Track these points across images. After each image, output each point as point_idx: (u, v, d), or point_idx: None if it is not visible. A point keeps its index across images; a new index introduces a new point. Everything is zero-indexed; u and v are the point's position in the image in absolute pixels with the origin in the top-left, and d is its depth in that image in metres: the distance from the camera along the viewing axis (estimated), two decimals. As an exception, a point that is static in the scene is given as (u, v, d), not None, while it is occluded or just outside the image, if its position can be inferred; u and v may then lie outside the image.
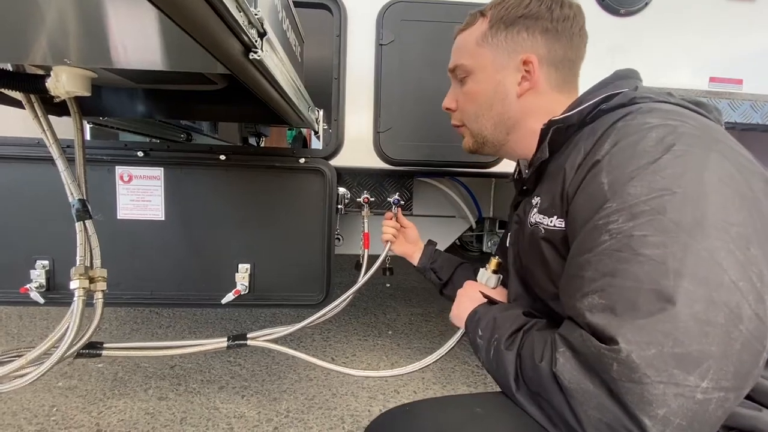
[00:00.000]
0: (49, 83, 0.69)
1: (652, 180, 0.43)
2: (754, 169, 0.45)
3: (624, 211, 0.43)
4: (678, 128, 0.46)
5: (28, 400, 1.32)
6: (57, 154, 0.79)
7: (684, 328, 0.38)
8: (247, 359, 1.64)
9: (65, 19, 0.54)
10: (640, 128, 0.48)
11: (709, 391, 0.37)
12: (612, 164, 0.47)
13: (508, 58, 0.67)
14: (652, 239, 0.41)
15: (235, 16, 0.41)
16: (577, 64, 0.69)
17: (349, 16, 1.16)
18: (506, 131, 0.70)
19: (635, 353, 0.38)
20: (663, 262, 0.40)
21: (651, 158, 0.45)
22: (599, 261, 0.44)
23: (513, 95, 0.68)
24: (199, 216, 1.13)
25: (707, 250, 0.39)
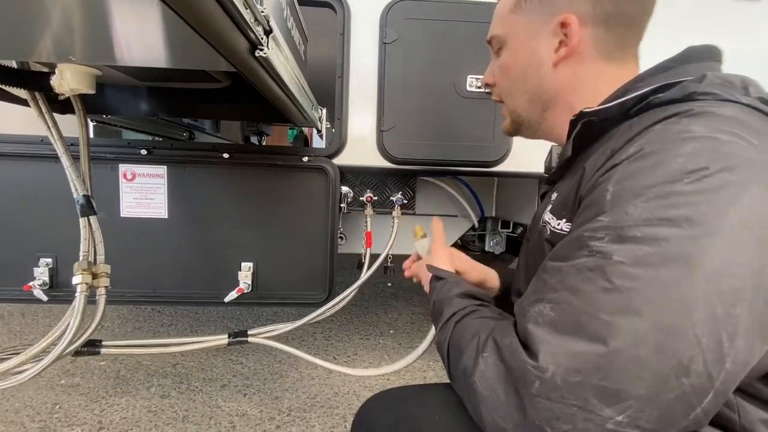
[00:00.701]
0: (53, 81, 0.69)
1: (659, 205, 0.37)
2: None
3: (613, 230, 0.39)
4: (724, 146, 0.38)
5: (30, 397, 1.33)
6: (62, 151, 0.79)
7: (618, 367, 0.36)
8: (248, 358, 1.64)
9: (69, 16, 0.54)
10: (676, 137, 0.39)
11: (622, 425, 0.36)
12: (625, 173, 0.41)
13: (544, 21, 0.57)
14: (629, 270, 0.37)
15: (242, 13, 0.41)
16: (638, 21, 0.55)
17: (353, 14, 1.16)
18: (542, 108, 0.61)
19: (560, 377, 0.37)
20: (628, 297, 0.36)
21: (670, 178, 0.37)
22: (568, 273, 0.41)
23: (549, 64, 0.57)
24: (202, 214, 1.13)
25: (683, 299, 0.35)
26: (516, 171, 1.21)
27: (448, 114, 1.16)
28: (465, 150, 1.17)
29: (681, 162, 0.38)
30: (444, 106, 1.15)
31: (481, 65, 1.18)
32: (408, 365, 1.06)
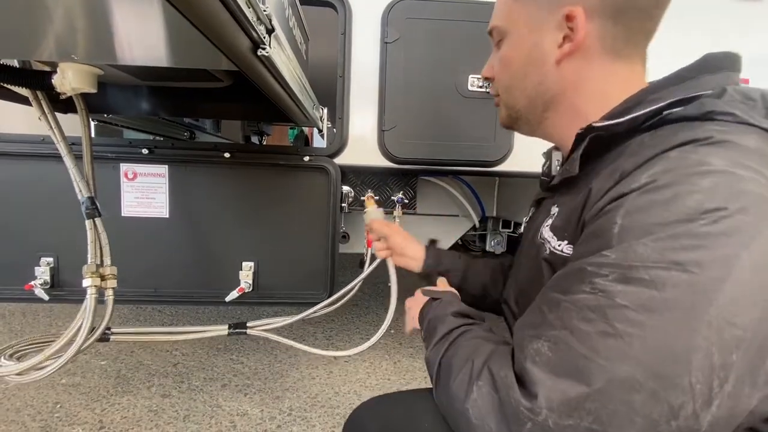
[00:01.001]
0: (55, 80, 0.69)
1: (670, 246, 0.35)
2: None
3: (619, 268, 0.37)
4: (742, 183, 0.36)
5: (31, 396, 1.33)
6: (65, 152, 0.79)
7: (612, 412, 0.35)
8: (249, 357, 1.64)
9: (72, 15, 0.54)
10: (693, 170, 0.37)
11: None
12: (636, 205, 0.38)
13: (548, 13, 0.52)
14: (631, 315, 0.36)
15: (245, 12, 0.41)
16: (651, 15, 0.50)
17: (354, 14, 1.16)
18: (543, 107, 0.56)
19: (552, 420, 0.37)
20: (628, 343, 0.35)
21: (684, 217, 0.36)
22: (568, 310, 0.39)
23: (551, 61, 0.53)
24: (204, 214, 1.13)
25: (683, 348, 0.34)
26: (517, 171, 1.21)
27: (449, 114, 1.16)
28: (466, 150, 1.17)
29: (698, 199, 0.36)
30: (445, 106, 1.15)
31: (483, 65, 1.18)
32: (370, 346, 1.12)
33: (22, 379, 0.80)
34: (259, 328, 1.17)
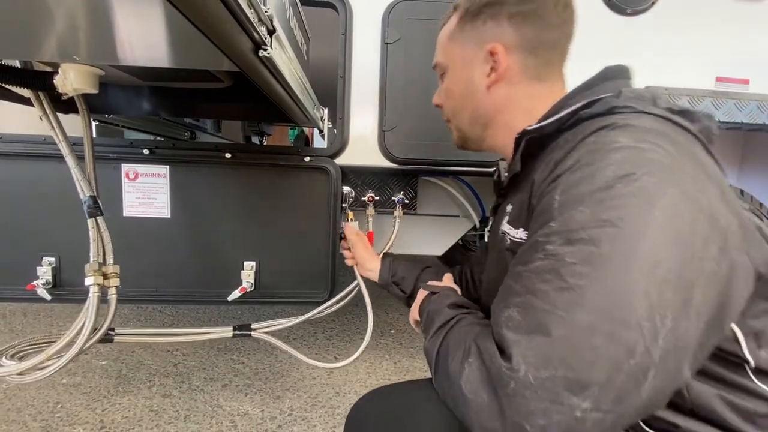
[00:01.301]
0: (56, 80, 0.69)
1: (598, 208, 0.43)
2: (706, 207, 0.44)
3: (563, 234, 0.44)
4: (645, 153, 0.45)
5: (32, 396, 1.33)
6: (67, 152, 0.79)
7: (579, 357, 0.40)
8: (250, 357, 1.64)
9: (74, 16, 0.54)
10: (606, 148, 0.46)
11: (587, 412, 0.40)
12: (568, 182, 0.47)
13: (476, 50, 0.64)
14: (578, 269, 0.42)
15: (247, 13, 0.41)
16: (560, 45, 0.63)
17: (355, 14, 1.16)
18: (483, 126, 0.68)
19: (531, 374, 0.41)
20: (581, 294, 0.41)
21: (605, 184, 0.44)
22: (529, 278, 0.45)
23: (482, 88, 0.65)
24: (205, 214, 1.13)
25: (625, 291, 0.41)
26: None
27: (449, 114, 1.16)
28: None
29: (613, 170, 0.44)
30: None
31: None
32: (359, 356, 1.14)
33: (24, 379, 0.80)
34: (263, 330, 1.17)
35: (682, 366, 0.43)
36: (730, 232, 0.44)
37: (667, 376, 0.42)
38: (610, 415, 0.41)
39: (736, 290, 0.44)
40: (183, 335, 1.13)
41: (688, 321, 0.42)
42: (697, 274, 0.42)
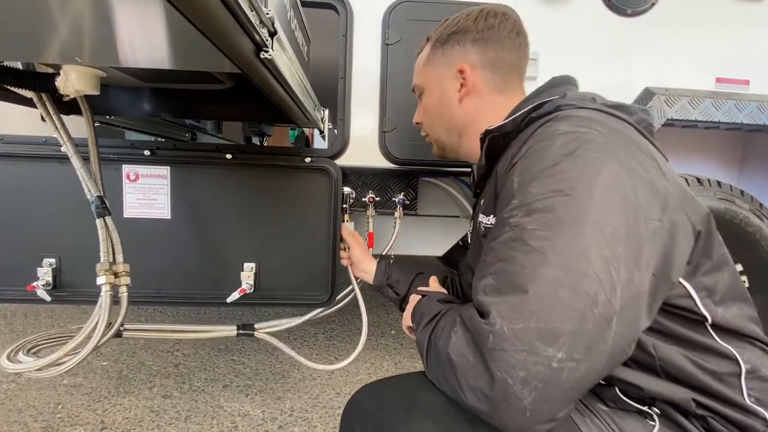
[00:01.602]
0: (58, 82, 0.69)
1: (550, 182, 0.50)
2: (644, 176, 0.51)
3: (523, 207, 0.51)
4: (584, 135, 0.52)
5: (33, 397, 1.33)
6: (72, 152, 0.79)
7: (548, 309, 0.45)
8: (250, 358, 1.64)
9: (76, 18, 0.54)
10: (551, 134, 0.54)
11: (562, 361, 0.44)
12: (523, 165, 0.54)
13: (447, 70, 0.77)
14: (539, 233, 0.48)
15: (248, 15, 0.41)
16: (516, 64, 0.75)
17: (356, 15, 1.16)
18: (458, 135, 0.79)
19: (506, 326, 0.46)
20: (543, 253, 0.47)
21: (553, 162, 0.51)
22: (499, 249, 0.51)
23: (455, 101, 0.76)
24: (205, 215, 1.13)
25: (581, 246, 0.46)
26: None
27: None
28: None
29: (558, 150, 0.52)
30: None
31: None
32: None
33: (41, 374, 0.82)
34: (266, 330, 1.17)
35: (640, 314, 0.48)
36: (669, 195, 0.51)
37: (628, 324, 0.47)
38: (583, 364, 0.45)
39: (678, 245, 0.51)
40: (189, 332, 1.14)
41: (640, 272, 0.48)
42: (644, 231, 0.48)
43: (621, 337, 0.46)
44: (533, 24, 1.21)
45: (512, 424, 0.46)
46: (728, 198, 1.26)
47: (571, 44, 1.24)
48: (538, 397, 0.44)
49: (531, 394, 0.44)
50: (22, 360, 0.87)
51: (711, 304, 0.54)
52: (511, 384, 0.44)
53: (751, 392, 0.54)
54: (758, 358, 0.55)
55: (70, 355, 0.81)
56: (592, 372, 0.46)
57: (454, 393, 0.51)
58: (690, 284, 0.53)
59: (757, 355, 0.56)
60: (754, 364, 0.54)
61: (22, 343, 0.94)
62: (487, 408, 0.47)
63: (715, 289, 0.55)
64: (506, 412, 0.45)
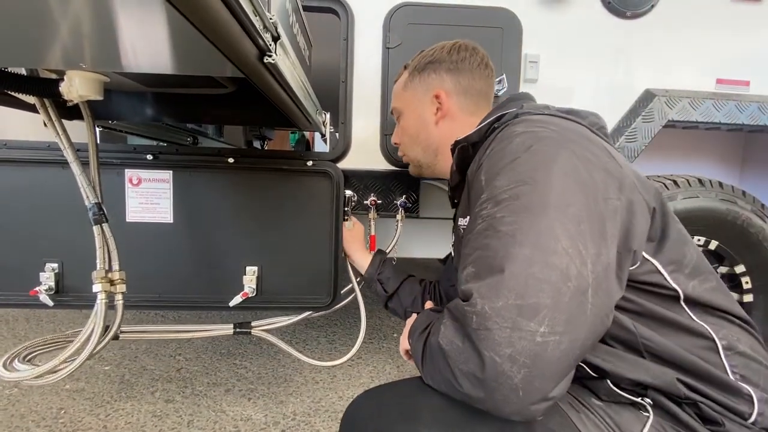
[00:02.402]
0: (62, 87, 0.69)
1: (512, 174, 0.55)
2: (597, 163, 0.56)
3: (491, 199, 0.55)
4: (538, 133, 0.58)
5: (36, 402, 1.33)
6: (72, 158, 0.80)
7: (524, 285, 0.48)
8: (252, 362, 1.64)
9: (79, 24, 0.55)
10: (509, 135, 0.61)
11: (546, 335, 0.46)
12: (488, 164, 0.60)
13: (424, 95, 0.85)
14: (507, 219, 0.52)
15: (252, 20, 0.42)
16: (485, 91, 0.85)
17: (356, 19, 1.17)
18: (434, 154, 0.87)
19: (487, 305, 0.48)
20: (513, 236, 0.51)
21: (513, 157, 0.57)
22: (474, 239, 0.55)
23: (432, 123, 0.85)
24: (207, 218, 1.13)
25: (547, 226, 0.50)
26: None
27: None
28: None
29: (516, 147, 0.58)
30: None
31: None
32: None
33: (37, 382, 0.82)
34: (262, 328, 1.18)
35: (612, 284, 0.52)
36: (624, 177, 0.56)
37: (603, 295, 0.50)
38: (566, 336, 0.47)
39: (636, 221, 0.55)
40: (185, 332, 1.15)
41: (606, 247, 0.52)
42: (604, 209, 0.53)
43: (598, 308, 0.49)
44: (533, 28, 1.22)
45: (507, 407, 0.47)
46: (730, 199, 1.26)
47: (571, 47, 1.25)
48: (528, 374, 0.46)
49: (521, 371, 0.46)
50: (19, 368, 0.86)
51: (681, 278, 0.57)
52: (499, 363, 0.46)
53: (735, 369, 0.56)
54: (735, 334, 0.58)
55: (66, 362, 0.81)
56: (575, 344, 0.48)
57: (449, 387, 0.52)
58: (656, 260, 0.57)
59: (733, 332, 0.58)
60: (730, 340, 0.57)
61: (18, 351, 0.94)
62: (481, 392, 0.48)
63: (682, 263, 0.58)
64: (500, 394, 0.46)
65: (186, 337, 1.15)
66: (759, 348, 0.59)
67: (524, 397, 0.46)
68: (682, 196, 1.24)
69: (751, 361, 0.57)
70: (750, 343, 0.58)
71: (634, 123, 1.24)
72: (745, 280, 1.33)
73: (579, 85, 1.26)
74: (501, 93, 1.18)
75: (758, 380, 0.56)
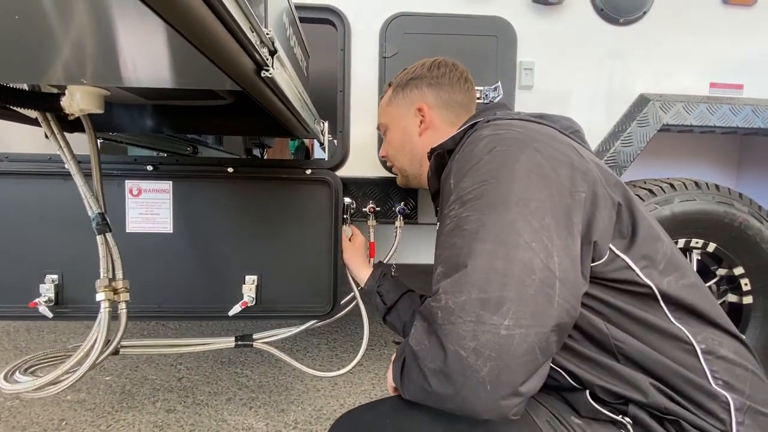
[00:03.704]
0: (63, 101, 0.71)
1: (476, 175, 0.57)
2: (563, 159, 0.57)
3: (458, 200, 0.57)
4: (502, 135, 0.60)
5: (37, 413, 1.33)
6: (75, 170, 0.81)
7: (486, 279, 0.49)
8: (254, 370, 1.64)
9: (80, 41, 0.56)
10: (476, 139, 0.63)
11: (511, 328, 0.46)
12: (456, 168, 0.62)
13: (407, 109, 0.89)
14: (472, 217, 0.54)
15: (249, 36, 0.43)
16: (465, 103, 0.88)
17: (353, 30, 1.19)
18: (419, 164, 0.90)
19: (451, 300, 0.49)
20: (476, 233, 0.52)
21: (478, 159, 0.58)
22: (444, 240, 0.57)
23: (416, 135, 0.88)
24: (207, 228, 1.14)
25: (509, 221, 0.51)
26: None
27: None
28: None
29: (480, 150, 0.59)
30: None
31: (478, 77, 1.19)
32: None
33: (38, 394, 0.82)
34: (263, 340, 1.18)
35: (579, 277, 0.52)
36: (590, 172, 0.57)
37: (570, 287, 0.50)
38: (532, 329, 0.47)
39: (598, 213, 0.55)
40: (186, 346, 1.15)
41: (572, 239, 0.52)
42: (570, 203, 0.53)
43: (565, 299, 0.50)
44: (528, 36, 1.24)
45: (477, 404, 0.47)
46: (727, 201, 1.27)
47: (565, 54, 1.26)
48: (494, 366, 0.46)
49: (486, 365, 0.46)
50: (20, 380, 0.86)
51: (655, 274, 0.56)
52: (464, 356, 0.46)
53: (716, 374, 0.54)
54: (716, 338, 0.56)
55: (68, 373, 0.81)
56: (542, 337, 0.48)
57: (422, 392, 0.52)
58: (627, 256, 0.56)
59: (714, 335, 0.56)
60: (709, 344, 0.55)
61: (19, 364, 0.94)
62: (449, 388, 0.48)
63: (654, 259, 0.57)
64: (467, 388, 0.46)
65: (187, 351, 1.15)
66: (745, 353, 0.57)
67: (492, 391, 0.46)
68: (679, 199, 1.25)
69: (736, 367, 0.55)
70: (734, 348, 0.56)
71: (629, 128, 1.25)
72: (744, 282, 1.33)
73: (574, 91, 1.27)
74: (497, 100, 1.20)
75: (743, 387, 0.54)
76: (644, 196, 1.25)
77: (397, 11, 1.19)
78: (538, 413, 0.56)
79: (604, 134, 1.28)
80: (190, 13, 0.33)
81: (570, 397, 0.59)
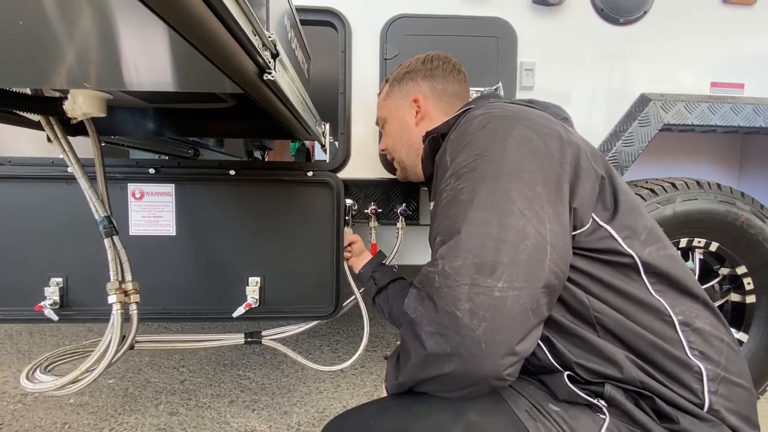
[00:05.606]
0: (66, 105, 0.71)
1: (470, 150, 0.60)
2: (552, 134, 0.60)
3: (454, 174, 0.60)
4: (494, 113, 0.64)
5: (40, 417, 1.33)
6: (79, 174, 0.81)
7: (481, 245, 0.51)
8: (256, 372, 1.64)
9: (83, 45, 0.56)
10: (469, 119, 0.66)
11: (504, 290, 0.49)
12: (451, 145, 0.65)
13: (404, 101, 0.93)
14: (467, 188, 0.57)
15: (251, 40, 0.43)
16: (459, 93, 0.92)
17: (354, 32, 1.19)
18: (416, 153, 0.92)
19: (447, 265, 0.52)
20: (470, 202, 0.55)
21: (471, 136, 0.62)
22: (442, 212, 0.59)
23: (412, 125, 0.92)
24: (210, 230, 1.14)
25: (502, 190, 0.54)
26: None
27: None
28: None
29: (474, 127, 0.63)
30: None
31: (479, 78, 1.20)
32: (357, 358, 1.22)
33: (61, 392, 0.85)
34: (272, 337, 1.19)
35: (568, 241, 0.55)
36: (576, 145, 0.60)
37: (560, 251, 0.53)
38: (525, 291, 0.50)
39: (581, 182, 0.58)
40: (198, 342, 1.17)
41: (563, 206, 0.55)
42: (560, 173, 0.57)
43: (555, 264, 0.52)
44: (528, 36, 1.24)
45: (473, 362, 0.48)
46: (729, 200, 1.26)
47: (566, 54, 1.26)
48: (488, 327, 0.48)
49: (481, 324, 0.48)
50: (42, 379, 0.89)
51: (636, 244, 0.58)
52: (460, 317, 0.49)
53: (693, 345, 0.55)
54: (693, 310, 0.57)
55: (87, 373, 0.84)
56: (533, 298, 0.50)
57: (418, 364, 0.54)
58: (610, 226, 0.58)
59: (692, 308, 0.57)
60: (686, 316, 0.56)
61: (39, 362, 0.96)
62: (447, 347, 0.50)
63: (636, 230, 0.59)
64: (464, 347, 0.48)
65: (198, 347, 1.18)
66: (719, 325, 0.59)
67: (488, 350, 0.48)
68: (680, 199, 1.25)
69: (712, 338, 0.56)
70: (710, 321, 0.58)
71: (630, 127, 1.25)
72: (747, 281, 1.32)
73: (575, 92, 1.27)
74: None
75: (719, 358, 0.55)
76: (646, 196, 1.25)
77: (398, 13, 1.19)
78: (518, 404, 0.56)
79: (605, 134, 1.28)
80: (193, 16, 0.34)
81: (548, 380, 0.60)
